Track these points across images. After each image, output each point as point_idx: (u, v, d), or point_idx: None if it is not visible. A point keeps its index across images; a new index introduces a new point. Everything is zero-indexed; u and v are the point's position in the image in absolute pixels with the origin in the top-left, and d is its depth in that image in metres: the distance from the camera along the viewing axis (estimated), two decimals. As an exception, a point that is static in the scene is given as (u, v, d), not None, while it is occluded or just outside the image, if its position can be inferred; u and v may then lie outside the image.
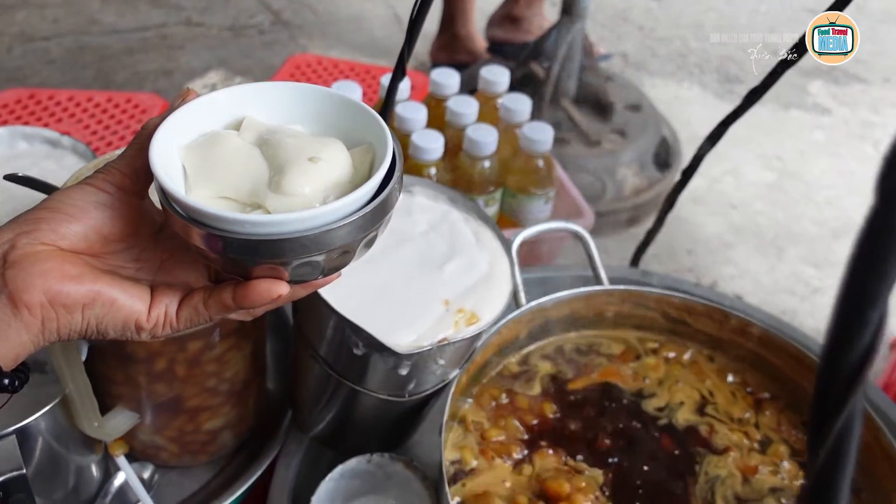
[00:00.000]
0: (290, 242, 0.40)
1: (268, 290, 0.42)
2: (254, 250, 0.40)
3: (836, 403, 0.23)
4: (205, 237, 0.40)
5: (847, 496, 0.23)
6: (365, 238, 0.42)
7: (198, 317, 0.44)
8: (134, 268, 0.45)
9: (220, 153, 0.44)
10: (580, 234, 0.81)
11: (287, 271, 0.42)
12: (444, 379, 0.68)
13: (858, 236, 0.22)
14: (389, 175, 0.43)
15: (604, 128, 1.73)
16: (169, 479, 0.76)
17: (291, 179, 0.42)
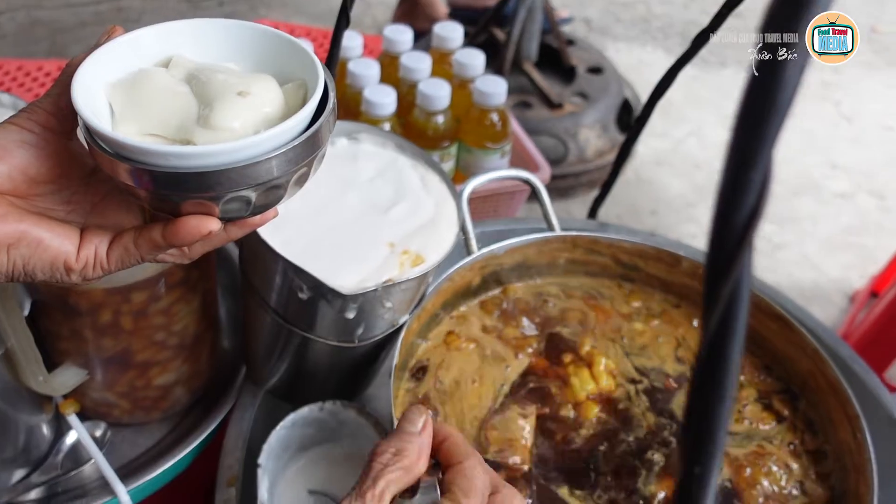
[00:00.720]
0: (217, 175, 0.39)
1: (197, 226, 0.41)
2: (180, 184, 0.39)
3: (724, 267, 0.23)
4: (131, 172, 0.40)
5: (738, 362, 0.23)
6: (296, 173, 0.42)
7: (129, 257, 0.44)
8: (64, 210, 0.45)
9: (147, 90, 0.43)
10: (531, 181, 0.81)
11: (217, 207, 0.41)
12: (393, 324, 0.68)
13: (738, 105, 0.22)
14: (322, 109, 0.43)
15: (566, 91, 1.73)
16: (122, 437, 0.76)
17: (220, 114, 0.42)
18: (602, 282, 0.82)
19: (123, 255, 0.43)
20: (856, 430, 0.66)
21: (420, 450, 0.46)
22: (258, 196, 0.41)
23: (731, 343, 0.23)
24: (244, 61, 0.47)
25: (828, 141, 1.98)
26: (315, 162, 0.43)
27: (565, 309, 0.79)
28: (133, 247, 0.43)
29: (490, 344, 0.74)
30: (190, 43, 0.46)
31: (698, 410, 0.24)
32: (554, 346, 0.75)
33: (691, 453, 0.24)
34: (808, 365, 0.72)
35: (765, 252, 1.67)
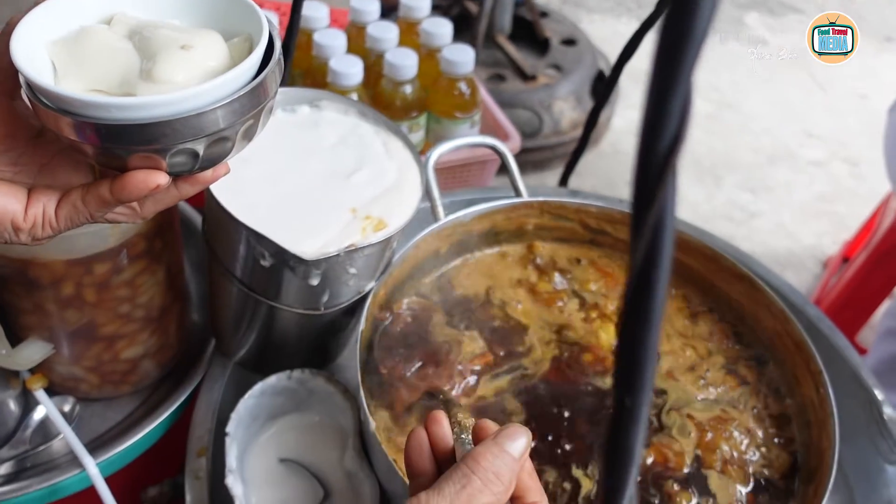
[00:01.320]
0: (162, 127, 0.39)
1: (144, 180, 0.41)
2: (124, 137, 0.39)
3: (649, 195, 0.23)
4: (74, 126, 0.39)
5: (664, 291, 0.23)
6: (243, 125, 0.42)
7: (77, 214, 0.43)
8: (11, 171, 0.44)
9: (89, 47, 0.43)
10: (498, 148, 0.81)
11: (163, 160, 0.41)
12: (359, 291, 0.68)
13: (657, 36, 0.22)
14: (268, 62, 0.42)
15: (539, 63, 1.73)
16: (91, 412, 0.75)
17: (163, 67, 0.41)
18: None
19: (72, 213, 0.43)
20: (819, 385, 0.67)
21: (514, 477, 0.42)
22: (205, 149, 0.41)
23: (657, 272, 0.23)
24: (188, 18, 0.46)
25: (803, 109, 1.99)
26: (262, 115, 0.42)
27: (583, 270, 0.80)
28: (81, 204, 0.43)
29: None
30: (132, 0, 0.46)
31: (627, 341, 0.24)
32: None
33: (621, 384, 0.24)
34: (773, 324, 0.73)
35: (740, 220, 1.68)
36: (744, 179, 1.77)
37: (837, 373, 0.77)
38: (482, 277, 0.78)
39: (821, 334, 0.81)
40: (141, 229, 0.65)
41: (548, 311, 0.75)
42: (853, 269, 1.32)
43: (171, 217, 0.70)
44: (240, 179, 0.63)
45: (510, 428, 0.44)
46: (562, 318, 0.75)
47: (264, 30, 0.43)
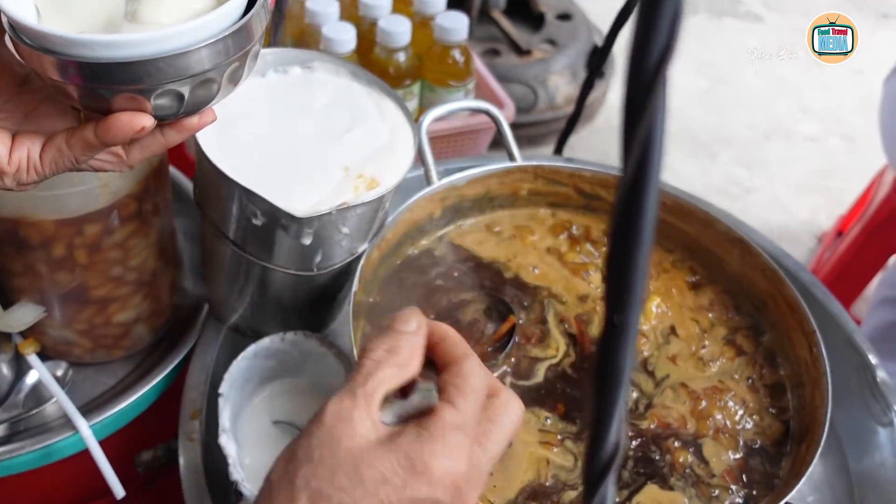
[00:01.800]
0: (146, 66, 0.38)
1: (129, 121, 0.40)
2: (109, 76, 0.39)
3: (639, 107, 0.23)
4: (58, 65, 0.39)
5: (655, 208, 0.23)
6: (228, 67, 0.41)
7: (62, 158, 0.43)
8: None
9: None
10: (492, 112, 0.80)
11: (148, 102, 0.40)
12: (352, 252, 0.67)
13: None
14: (253, 5, 0.42)
15: (534, 38, 1.72)
16: (84, 376, 0.75)
17: (148, 8, 0.41)
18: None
19: (57, 157, 0.43)
20: (812, 345, 0.67)
21: (413, 348, 0.42)
22: (190, 91, 0.40)
23: (647, 187, 0.23)
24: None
25: (798, 86, 1.98)
26: (248, 58, 0.42)
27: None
28: (66, 147, 0.42)
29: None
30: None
31: (616, 259, 0.24)
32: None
33: (611, 303, 0.24)
34: (767, 287, 0.73)
35: (735, 195, 1.68)
36: (739, 155, 1.76)
37: (831, 337, 0.77)
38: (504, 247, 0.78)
39: (815, 300, 0.81)
40: (132, 190, 0.65)
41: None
42: (847, 241, 1.32)
43: (163, 180, 0.70)
44: (231, 139, 0.63)
45: (399, 313, 0.43)
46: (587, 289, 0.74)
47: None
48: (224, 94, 0.43)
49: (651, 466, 0.63)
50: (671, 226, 0.79)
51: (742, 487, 0.63)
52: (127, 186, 0.64)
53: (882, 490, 0.71)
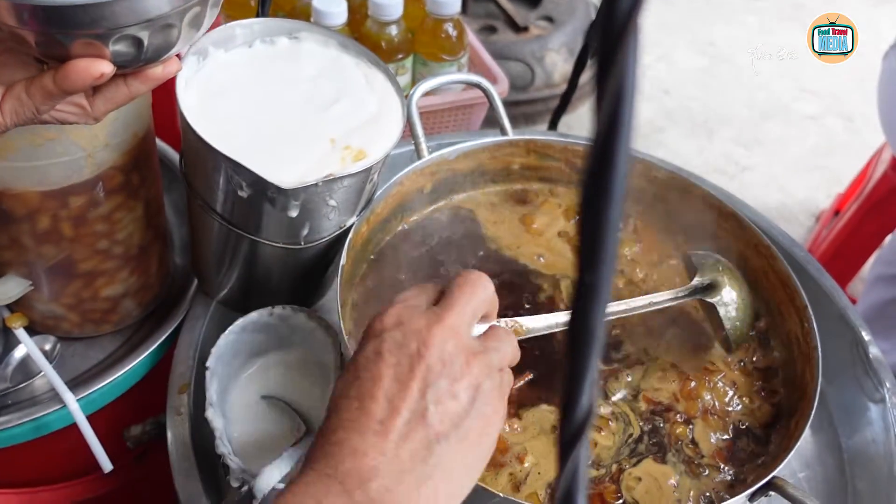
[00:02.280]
0: (101, 8, 0.38)
1: (87, 67, 0.40)
2: (64, 20, 0.38)
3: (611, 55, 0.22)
4: (13, 10, 0.38)
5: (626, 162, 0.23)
6: (188, 11, 0.40)
7: (23, 108, 0.42)
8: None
9: None
10: (482, 84, 0.80)
11: (106, 48, 0.40)
12: (340, 226, 0.67)
13: None
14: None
15: (532, 14, 1.70)
16: (73, 350, 0.75)
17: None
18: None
19: (17, 107, 0.42)
20: (803, 319, 0.66)
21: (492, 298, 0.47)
22: (150, 36, 0.40)
23: (618, 141, 0.22)
24: None
25: (797, 64, 1.97)
26: (209, 3, 0.41)
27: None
28: (25, 96, 0.42)
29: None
30: None
31: (588, 217, 0.23)
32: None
33: (583, 262, 0.24)
34: (760, 262, 0.73)
35: (732, 174, 1.67)
36: (737, 134, 1.75)
37: (824, 314, 0.76)
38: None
39: (808, 276, 0.81)
40: (117, 162, 0.64)
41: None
42: (844, 219, 1.31)
43: (149, 152, 0.69)
44: (217, 110, 0.62)
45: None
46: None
47: None
48: (185, 40, 0.42)
49: (658, 438, 0.63)
50: (664, 200, 0.78)
51: (732, 466, 0.62)
52: (112, 158, 0.63)
53: (873, 466, 0.71)
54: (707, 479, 0.61)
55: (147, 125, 0.67)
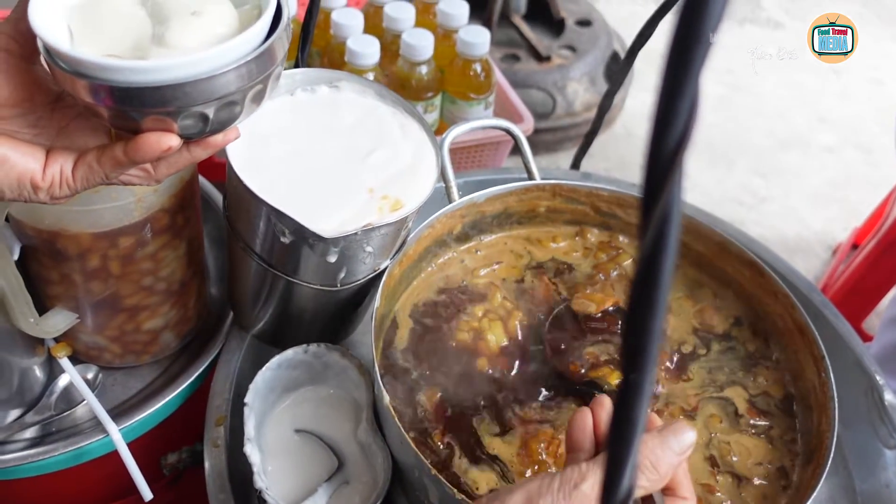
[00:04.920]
0: (173, 90, 0.40)
1: (157, 141, 0.43)
2: (137, 99, 0.41)
3: (656, 190, 0.24)
4: (90, 89, 0.41)
5: (669, 280, 0.25)
6: (251, 89, 0.43)
7: (93, 174, 0.45)
8: (31, 133, 0.46)
9: (104, 12, 0.44)
10: (512, 131, 0.82)
11: (175, 123, 0.42)
12: (375, 269, 0.69)
13: (669, 42, 0.24)
14: (276, 28, 0.44)
15: (554, 43, 1.73)
16: (113, 380, 0.78)
17: (174, 32, 0.43)
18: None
19: (88, 173, 0.45)
20: (821, 370, 0.68)
21: (671, 471, 0.44)
22: (215, 112, 0.42)
23: (663, 262, 0.25)
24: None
25: (816, 94, 1.98)
26: (270, 80, 0.44)
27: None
28: (97, 164, 0.44)
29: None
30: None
31: (634, 324, 0.26)
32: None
33: (628, 363, 0.26)
34: (778, 309, 0.75)
35: (750, 205, 1.69)
36: (755, 163, 1.77)
37: (840, 359, 0.78)
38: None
39: (825, 321, 0.83)
40: (165, 205, 0.67)
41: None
42: (862, 255, 1.33)
43: (193, 193, 0.72)
44: (261, 158, 0.65)
45: (677, 424, 0.45)
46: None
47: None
48: (247, 113, 0.44)
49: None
50: (686, 246, 0.81)
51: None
52: (160, 201, 0.66)
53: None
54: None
55: (193, 169, 0.71)
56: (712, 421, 0.69)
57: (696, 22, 0.23)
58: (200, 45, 0.43)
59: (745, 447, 0.68)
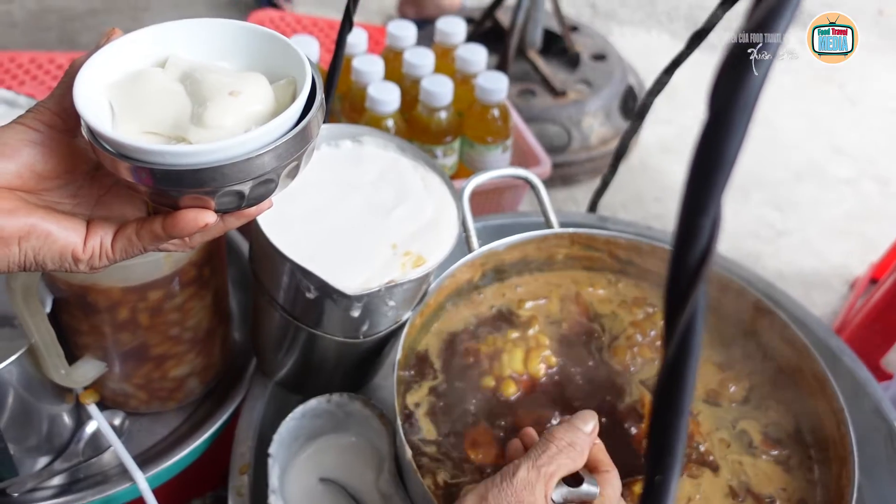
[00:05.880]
0: (212, 172, 0.42)
1: (194, 219, 0.44)
2: (178, 181, 0.42)
3: (680, 301, 0.26)
4: (131, 170, 0.42)
5: (693, 384, 0.26)
6: (286, 167, 0.44)
7: (132, 247, 0.46)
8: (71, 203, 0.47)
9: (144, 90, 0.46)
10: (530, 179, 0.84)
11: (213, 200, 0.44)
12: (397, 321, 0.71)
13: (693, 151, 0.25)
14: (310, 106, 0.45)
15: (570, 78, 1.75)
16: (140, 425, 0.79)
17: (212, 112, 0.44)
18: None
19: (127, 246, 0.46)
20: (840, 423, 0.69)
21: (586, 446, 0.54)
22: (252, 189, 0.44)
23: (686, 367, 0.26)
24: (236, 60, 0.49)
25: (832, 125, 1.98)
26: (305, 155, 0.45)
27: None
28: (136, 238, 0.46)
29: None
30: (185, 42, 0.48)
31: (659, 426, 0.27)
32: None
33: (654, 464, 0.27)
34: (797, 359, 0.75)
35: (767, 238, 1.69)
36: (771, 196, 1.77)
37: (859, 406, 0.78)
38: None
39: (843, 367, 0.83)
40: (192, 258, 0.69)
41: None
42: (881, 291, 1.32)
43: (219, 246, 0.74)
44: (286, 214, 0.67)
45: (580, 412, 0.56)
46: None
47: (307, 76, 0.45)
48: (282, 187, 0.46)
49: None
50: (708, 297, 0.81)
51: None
52: (188, 256, 0.68)
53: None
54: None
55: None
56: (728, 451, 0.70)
57: (718, 146, 0.25)
58: (237, 125, 0.44)
59: (763, 473, 0.69)
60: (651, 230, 1.01)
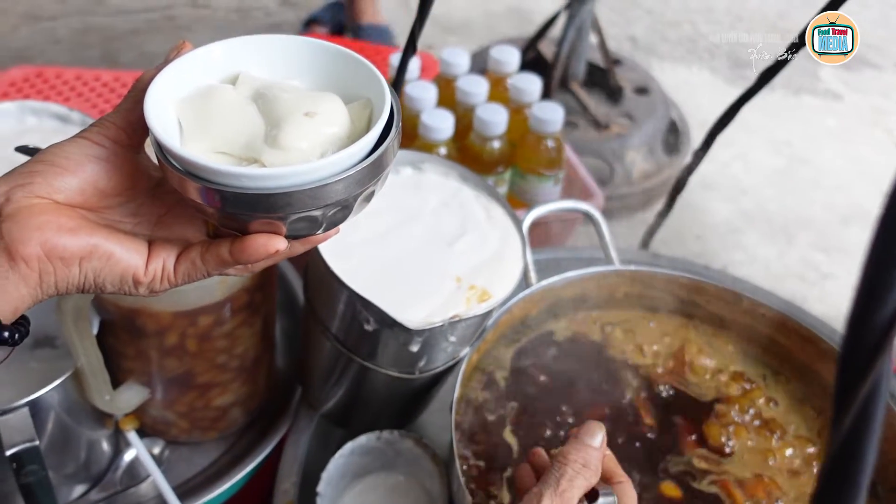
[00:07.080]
0: (288, 197, 0.39)
1: (265, 245, 0.41)
2: (251, 205, 0.39)
3: (861, 368, 0.22)
4: (201, 191, 0.40)
5: (872, 463, 0.23)
6: (362, 193, 0.42)
7: (195, 271, 0.44)
8: (132, 222, 0.45)
9: (215, 107, 0.43)
10: (591, 214, 0.81)
11: (284, 226, 0.41)
12: (454, 357, 0.68)
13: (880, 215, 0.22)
14: (387, 130, 0.42)
15: (613, 111, 1.72)
16: (179, 455, 0.76)
17: (288, 134, 0.41)
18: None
19: (190, 270, 0.44)
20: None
21: (599, 462, 0.53)
22: (325, 216, 0.41)
23: (865, 445, 0.23)
24: (310, 78, 0.46)
25: (879, 168, 1.94)
26: (380, 181, 0.43)
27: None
28: (200, 262, 0.43)
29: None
30: (256, 59, 0.46)
31: None
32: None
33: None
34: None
35: (812, 281, 1.64)
36: (816, 238, 1.73)
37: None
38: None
39: None
40: (245, 283, 0.66)
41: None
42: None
43: (272, 271, 0.72)
44: (346, 242, 0.64)
45: (586, 425, 0.54)
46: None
47: (387, 100, 0.42)
48: (356, 213, 0.43)
49: None
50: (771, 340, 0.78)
51: None
52: (241, 281, 0.66)
53: None
54: None
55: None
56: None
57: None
58: (313, 148, 0.42)
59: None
60: (709, 270, 0.98)
